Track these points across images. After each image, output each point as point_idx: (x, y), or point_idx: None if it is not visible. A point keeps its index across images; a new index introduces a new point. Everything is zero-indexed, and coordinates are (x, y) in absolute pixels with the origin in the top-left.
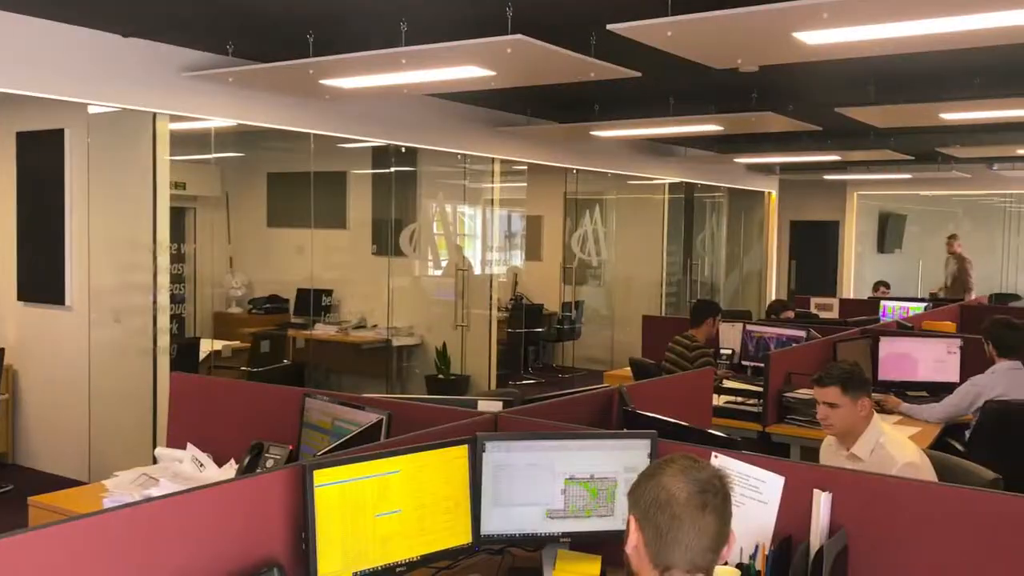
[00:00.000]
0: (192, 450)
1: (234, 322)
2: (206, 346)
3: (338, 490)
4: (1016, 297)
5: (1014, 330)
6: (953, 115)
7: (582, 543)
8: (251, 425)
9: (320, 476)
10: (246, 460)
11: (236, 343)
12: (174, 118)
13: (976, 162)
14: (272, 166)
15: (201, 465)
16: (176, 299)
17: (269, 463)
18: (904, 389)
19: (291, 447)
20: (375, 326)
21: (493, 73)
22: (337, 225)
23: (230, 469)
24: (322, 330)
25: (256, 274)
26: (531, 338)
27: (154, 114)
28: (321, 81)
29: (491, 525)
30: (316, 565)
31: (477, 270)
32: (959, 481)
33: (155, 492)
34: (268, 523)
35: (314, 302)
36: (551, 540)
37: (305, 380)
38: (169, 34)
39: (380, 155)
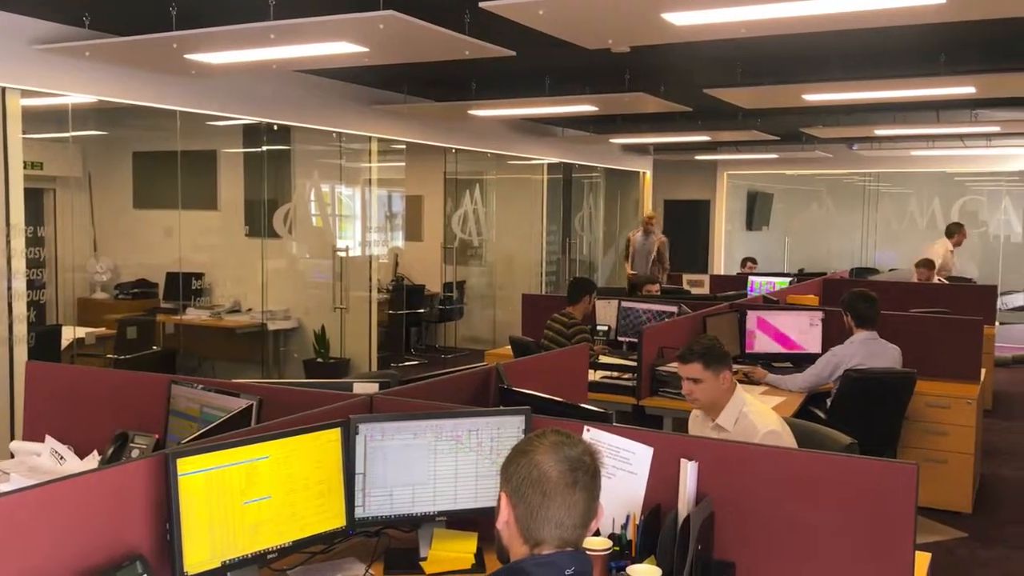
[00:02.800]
0: (51, 442)
1: (99, 308)
2: (68, 333)
3: (203, 478)
4: (874, 271)
5: (869, 302)
6: (815, 96)
7: (458, 521)
8: (115, 414)
9: (184, 464)
10: (109, 451)
11: (101, 330)
12: (27, 93)
13: (837, 142)
14: (138, 145)
15: (61, 458)
16: (34, 285)
17: (134, 453)
18: (770, 360)
19: (157, 436)
20: (249, 310)
21: (366, 50)
22: (207, 206)
23: (92, 461)
24: (194, 315)
25: (122, 258)
26: (413, 319)
27: (3, 89)
28: (186, 56)
29: (366, 507)
30: (181, 555)
31: (356, 251)
32: (818, 447)
33: (4, 488)
34: (131, 515)
35: (184, 286)
36: (427, 520)
37: (176, 367)
38: (16, 4)
39: (252, 133)
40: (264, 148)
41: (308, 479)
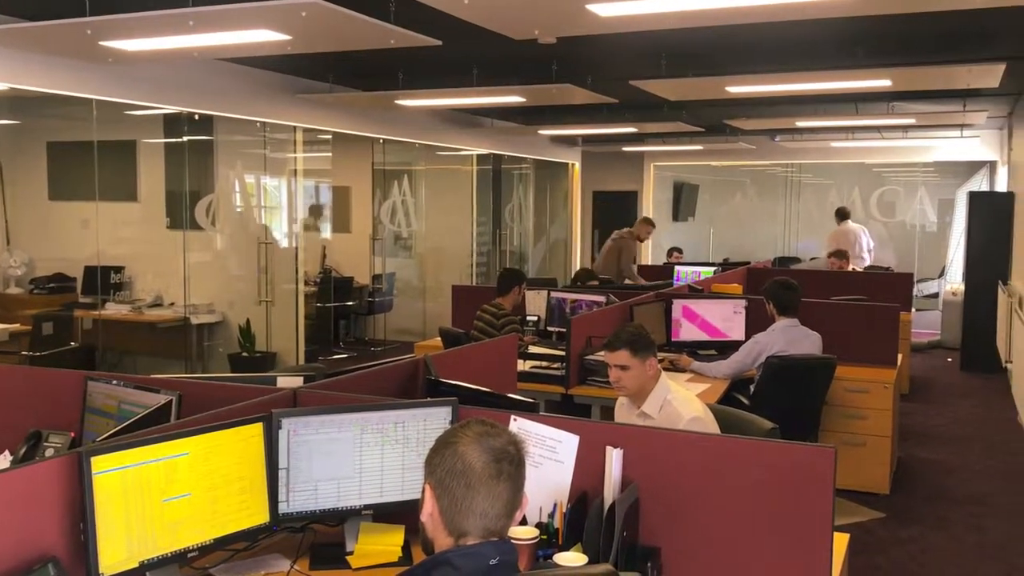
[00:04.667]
0: None
1: (13, 303)
2: None
3: (119, 476)
4: (796, 260)
5: (790, 290)
6: (738, 88)
7: (385, 514)
8: (27, 413)
9: (98, 463)
10: (22, 450)
11: (15, 326)
12: None
13: (760, 134)
14: (52, 134)
15: None
16: None
17: (49, 452)
18: (696, 348)
19: (73, 434)
20: (172, 304)
21: (288, 38)
22: (127, 197)
23: (4, 461)
24: (114, 309)
25: (38, 251)
26: (342, 312)
27: None
28: (101, 43)
29: (290, 503)
30: (96, 556)
31: (282, 243)
32: (741, 432)
33: None
34: (43, 516)
35: (103, 280)
36: (353, 514)
37: (97, 363)
38: None
39: (173, 123)
40: (185, 138)
41: (229, 475)
